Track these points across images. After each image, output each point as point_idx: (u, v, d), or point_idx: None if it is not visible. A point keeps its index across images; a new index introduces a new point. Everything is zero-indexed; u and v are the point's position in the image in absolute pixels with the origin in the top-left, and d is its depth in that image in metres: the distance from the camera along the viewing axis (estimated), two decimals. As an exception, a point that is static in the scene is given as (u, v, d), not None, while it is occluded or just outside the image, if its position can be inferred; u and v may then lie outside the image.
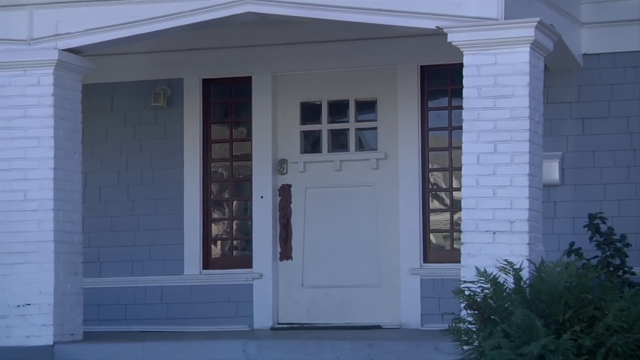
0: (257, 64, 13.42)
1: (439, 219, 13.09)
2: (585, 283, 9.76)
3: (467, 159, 10.60)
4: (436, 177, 13.17)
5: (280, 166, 13.45)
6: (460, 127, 10.76)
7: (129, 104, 13.70)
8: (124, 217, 13.57)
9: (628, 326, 9.47)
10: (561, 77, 12.31)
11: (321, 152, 13.47)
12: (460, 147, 10.80)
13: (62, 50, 11.55)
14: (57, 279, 11.48)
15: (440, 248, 13.04)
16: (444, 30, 10.65)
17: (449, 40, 10.64)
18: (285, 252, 13.37)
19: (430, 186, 13.13)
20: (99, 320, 12.65)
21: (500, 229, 10.42)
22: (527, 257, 10.26)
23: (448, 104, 12.99)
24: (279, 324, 13.24)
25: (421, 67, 13.03)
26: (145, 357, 11.44)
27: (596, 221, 11.75)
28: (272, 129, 13.45)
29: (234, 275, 13.40)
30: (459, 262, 10.60)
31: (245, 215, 13.63)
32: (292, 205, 13.39)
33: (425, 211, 13.04)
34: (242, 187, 13.69)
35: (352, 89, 13.37)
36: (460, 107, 10.78)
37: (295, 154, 13.47)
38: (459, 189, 11.59)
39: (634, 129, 12.26)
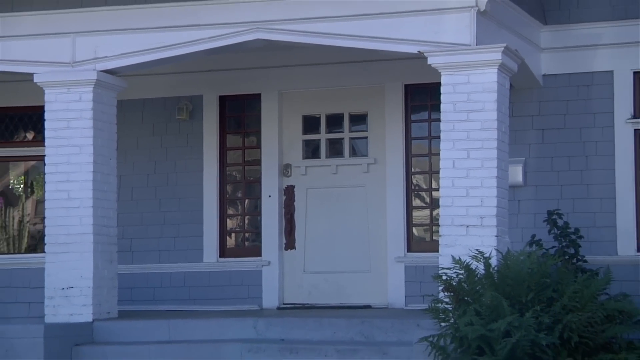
0: (265, 83, 13.39)
1: (420, 215, 13.07)
2: (544, 269, 9.78)
3: (444, 164, 10.61)
4: (418, 179, 13.14)
5: (285, 170, 13.44)
6: (439, 137, 10.79)
7: (156, 117, 13.68)
8: (152, 213, 13.55)
9: (581, 306, 9.48)
10: (524, 94, 12.27)
11: (320, 157, 13.44)
12: (438, 154, 10.82)
13: (100, 71, 11.56)
14: (96, 265, 11.49)
15: (421, 240, 13.01)
16: (425, 54, 10.66)
17: (429, 62, 10.66)
18: (289, 243, 13.36)
19: (413, 187, 13.10)
20: (131, 301, 12.64)
21: (473, 223, 10.43)
22: (495, 247, 10.27)
23: (428, 117, 12.96)
24: (284, 304, 13.22)
25: (405, 85, 13.00)
26: (170, 332, 11.48)
27: (554, 217, 11.73)
28: (278, 138, 13.43)
29: (245, 263, 13.37)
30: (438, 251, 10.58)
31: (255, 211, 13.60)
32: (295, 203, 13.37)
33: (409, 208, 13.02)
34: (252, 187, 13.66)
35: (347, 104, 13.33)
36: (439, 120, 10.80)
37: (298, 160, 13.45)
38: (437, 190, 11.62)
39: (586, 138, 12.23)
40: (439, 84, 10.69)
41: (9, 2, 11.78)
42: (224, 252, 13.57)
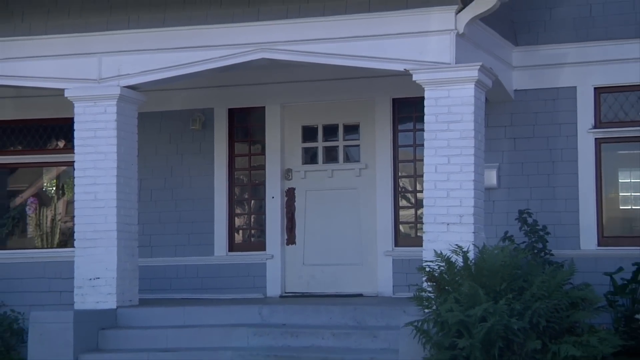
0: (269, 97, 13.39)
1: (406, 214, 13.07)
2: (516, 262, 9.80)
3: (428, 168, 10.62)
4: (404, 182, 13.15)
5: (286, 174, 13.44)
6: (422, 145, 10.79)
7: (173, 127, 13.68)
8: (169, 213, 13.54)
9: (548, 294, 9.48)
10: (498, 107, 12.30)
11: (317, 163, 13.42)
12: (422, 160, 10.82)
13: (123, 87, 11.57)
14: (119, 259, 11.50)
15: (407, 236, 13.00)
16: (410, 71, 10.68)
17: (414, 79, 10.68)
18: (290, 238, 13.35)
19: (399, 189, 13.10)
20: (150, 290, 12.64)
21: (453, 221, 10.44)
22: (473, 243, 10.29)
23: (413, 127, 12.96)
24: (285, 292, 13.21)
25: (393, 99, 12.99)
26: (185, 318, 11.50)
27: (524, 215, 11.76)
28: (280, 146, 13.42)
29: (251, 256, 13.37)
30: (422, 246, 10.60)
31: (260, 211, 13.59)
32: (295, 204, 13.35)
33: (396, 208, 13.03)
34: (257, 189, 13.66)
35: (341, 115, 13.34)
36: (422, 130, 10.82)
37: (298, 165, 13.45)
38: (421, 191, 11.64)
39: (552, 146, 12.26)
40: (422, 98, 10.70)
41: (43, 26, 11.81)
42: (232, 247, 13.56)
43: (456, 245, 10.04)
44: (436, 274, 9.88)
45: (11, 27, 11.91)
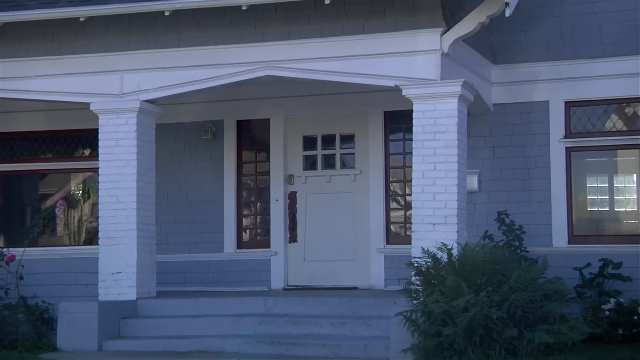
0: (273, 110, 13.37)
1: (396, 215, 13.07)
2: (495, 258, 9.81)
3: (416, 174, 10.64)
4: (395, 187, 13.14)
5: (289, 179, 13.44)
6: (411, 153, 10.80)
7: (186, 137, 13.66)
8: (183, 214, 13.50)
9: (524, 287, 9.49)
10: (479, 119, 12.30)
11: (317, 169, 13.41)
12: (411, 166, 10.81)
13: (142, 101, 11.57)
14: (139, 255, 11.50)
15: (397, 235, 13.00)
16: (400, 87, 10.70)
17: (403, 94, 10.70)
18: (292, 237, 13.33)
19: (390, 192, 13.09)
20: (166, 283, 12.61)
21: (438, 221, 10.45)
22: (456, 241, 10.30)
23: (403, 137, 12.94)
24: (288, 286, 13.20)
25: (384, 112, 12.98)
26: (198, 308, 11.51)
27: (502, 216, 11.78)
28: (283, 154, 13.40)
29: (257, 253, 13.34)
30: (410, 244, 10.63)
31: (265, 212, 13.56)
32: (297, 206, 13.34)
33: (387, 209, 13.01)
34: (263, 193, 13.62)
35: (338, 126, 13.33)
36: (411, 139, 10.83)
37: (299, 171, 13.43)
38: (410, 195, 11.58)
39: (527, 154, 12.27)
40: (411, 111, 10.71)
41: (71, 46, 11.81)
42: (240, 244, 13.53)
43: (441, 243, 10.07)
44: (423, 269, 9.89)
45: (42, 47, 11.92)
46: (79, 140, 14.05)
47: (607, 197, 12.58)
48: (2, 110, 13.81)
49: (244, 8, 10.75)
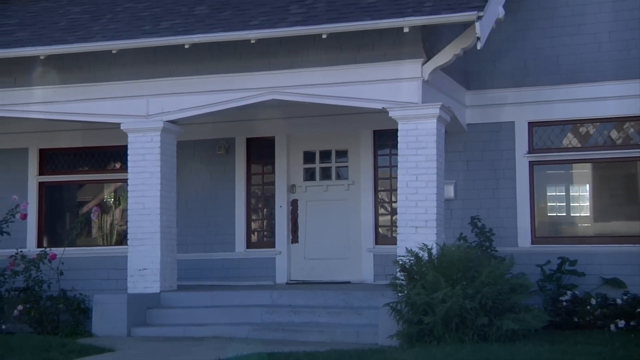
0: (278, 129, 13.35)
1: (384, 219, 13.01)
2: (469, 257, 9.80)
3: (401, 184, 10.61)
4: (382, 195, 13.09)
5: (291, 188, 13.40)
6: (397, 166, 10.78)
7: (203, 152, 13.61)
8: (200, 218, 13.44)
9: (493, 281, 9.48)
10: (454, 136, 12.27)
11: (315, 180, 13.36)
12: (396, 177, 10.80)
13: (165, 121, 11.54)
14: (162, 254, 11.46)
15: (385, 236, 12.93)
16: (387, 109, 10.68)
17: (390, 115, 10.68)
18: (294, 238, 13.28)
19: (379, 200, 13.05)
20: (186, 278, 12.55)
21: (420, 225, 10.41)
22: (435, 242, 10.26)
23: (389, 152, 12.88)
24: (290, 280, 13.14)
25: (374, 130, 12.95)
26: (213, 299, 11.50)
27: (475, 221, 11.78)
28: (286, 167, 13.37)
29: (264, 252, 13.28)
30: (396, 244, 10.58)
31: (271, 217, 13.51)
32: (298, 211, 13.30)
33: (376, 215, 12.97)
34: (269, 200, 13.57)
35: (333, 143, 13.29)
36: (396, 154, 10.79)
37: (300, 181, 13.39)
38: (395, 202, 11.61)
39: (496, 167, 12.24)
40: (396, 130, 10.69)
41: (104, 75, 11.80)
42: (249, 244, 13.48)
43: (423, 243, 10.02)
44: (407, 266, 9.87)
45: (80, 76, 11.91)
46: (110, 155, 14.04)
47: (564, 204, 12.56)
48: (46, 130, 13.87)
49: (252, 42, 10.75)
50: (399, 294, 9.73)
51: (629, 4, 11.91)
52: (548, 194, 12.49)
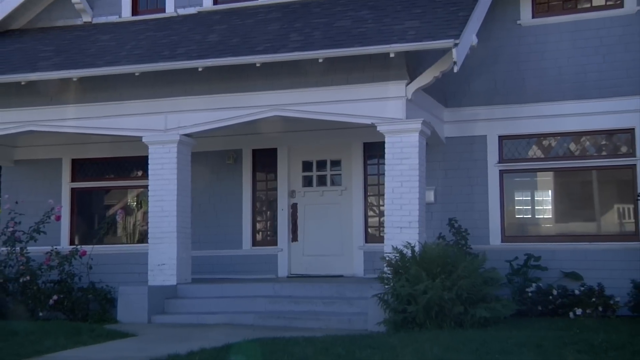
0: (280, 141, 13.31)
1: (373, 221, 12.95)
2: (447, 253, 9.79)
3: (388, 190, 10.56)
4: (371, 199, 13.03)
5: (292, 193, 13.35)
6: (384, 174, 10.73)
7: (214, 162, 13.58)
8: (211, 219, 13.38)
9: (468, 275, 9.47)
10: (434, 148, 12.23)
11: (313, 186, 13.31)
12: (383, 184, 10.81)
13: (181, 134, 11.51)
14: (178, 251, 11.42)
15: (373, 235, 12.86)
16: (375, 124, 10.64)
17: (378, 129, 10.64)
18: (294, 237, 13.23)
19: (368, 204, 12.99)
20: (199, 272, 12.51)
21: (404, 225, 10.36)
22: (418, 241, 10.22)
23: (377, 162, 12.83)
24: (291, 274, 13.08)
25: (364, 143, 12.91)
26: (223, 291, 11.48)
27: (452, 222, 11.76)
28: (287, 174, 13.34)
29: (268, 249, 13.23)
30: (383, 242, 10.52)
31: (273, 219, 13.44)
32: (298, 214, 13.25)
33: (366, 216, 12.91)
34: (272, 204, 13.53)
35: (328, 154, 13.24)
36: (384, 163, 10.73)
37: (299, 187, 13.35)
38: (383, 205, 11.58)
39: (471, 175, 12.19)
40: (384, 142, 10.64)
41: (128, 94, 11.71)
42: (254, 243, 13.42)
43: (407, 242, 10.00)
44: (393, 262, 9.84)
45: (107, 95, 11.87)
46: (133, 164, 13.99)
47: (530, 207, 12.54)
48: (77, 142, 13.85)
49: (257, 65, 10.75)
50: (386, 286, 9.69)
51: (584, 34, 11.94)
52: (516, 198, 12.45)
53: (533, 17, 12.22)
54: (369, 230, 12.94)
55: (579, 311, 10.59)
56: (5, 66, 12.16)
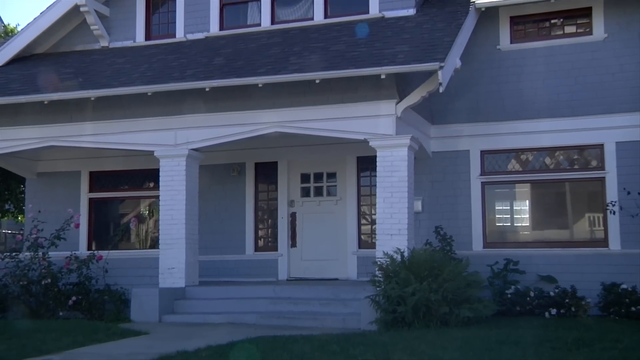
0: (280, 155, 13.30)
1: (366, 228, 12.92)
2: (433, 258, 9.76)
3: (379, 200, 10.55)
4: (364, 209, 13.00)
5: (291, 203, 13.33)
6: (376, 185, 10.75)
7: (220, 174, 13.56)
8: (217, 227, 13.36)
9: (453, 278, 9.45)
10: (422, 162, 12.22)
11: (310, 196, 13.28)
12: (375, 194, 10.84)
13: (190, 149, 11.50)
14: (187, 255, 11.39)
15: (366, 242, 12.83)
16: (368, 140, 10.65)
17: (370, 145, 10.65)
18: (293, 243, 13.20)
19: (361, 213, 12.97)
20: (206, 275, 12.51)
21: (395, 233, 10.36)
22: (407, 246, 10.21)
23: (370, 174, 12.81)
24: (290, 277, 13.05)
25: (357, 157, 12.89)
26: (227, 292, 11.40)
27: (438, 229, 11.72)
28: (287, 186, 13.31)
29: (269, 255, 13.19)
30: (375, 248, 10.50)
31: (274, 226, 13.40)
32: (296, 222, 13.22)
33: (359, 224, 12.88)
34: (272, 213, 13.49)
35: (325, 166, 13.21)
36: (375, 176, 10.75)
37: (298, 197, 13.31)
38: (374, 214, 11.58)
39: (455, 187, 12.22)
40: (375, 156, 10.65)
41: (142, 112, 11.76)
42: (257, 248, 13.38)
43: (397, 248, 9.99)
44: (384, 266, 9.82)
45: (122, 113, 11.88)
46: (146, 176, 13.97)
47: (509, 216, 12.52)
48: (95, 156, 13.87)
49: (260, 85, 10.77)
50: (378, 289, 9.67)
51: (557, 58, 11.99)
52: (496, 207, 12.45)
53: (511, 42, 12.27)
54: (362, 237, 12.91)
55: (553, 311, 10.58)
56: (29, 87, 12.16)
